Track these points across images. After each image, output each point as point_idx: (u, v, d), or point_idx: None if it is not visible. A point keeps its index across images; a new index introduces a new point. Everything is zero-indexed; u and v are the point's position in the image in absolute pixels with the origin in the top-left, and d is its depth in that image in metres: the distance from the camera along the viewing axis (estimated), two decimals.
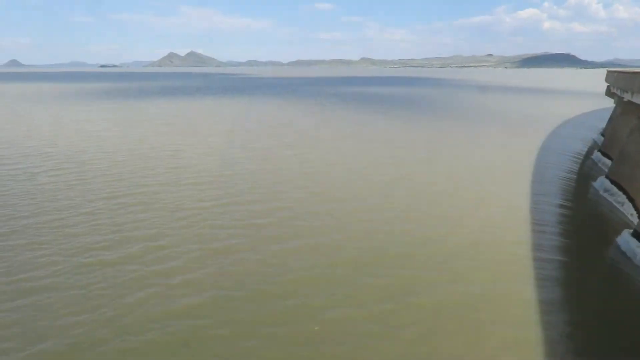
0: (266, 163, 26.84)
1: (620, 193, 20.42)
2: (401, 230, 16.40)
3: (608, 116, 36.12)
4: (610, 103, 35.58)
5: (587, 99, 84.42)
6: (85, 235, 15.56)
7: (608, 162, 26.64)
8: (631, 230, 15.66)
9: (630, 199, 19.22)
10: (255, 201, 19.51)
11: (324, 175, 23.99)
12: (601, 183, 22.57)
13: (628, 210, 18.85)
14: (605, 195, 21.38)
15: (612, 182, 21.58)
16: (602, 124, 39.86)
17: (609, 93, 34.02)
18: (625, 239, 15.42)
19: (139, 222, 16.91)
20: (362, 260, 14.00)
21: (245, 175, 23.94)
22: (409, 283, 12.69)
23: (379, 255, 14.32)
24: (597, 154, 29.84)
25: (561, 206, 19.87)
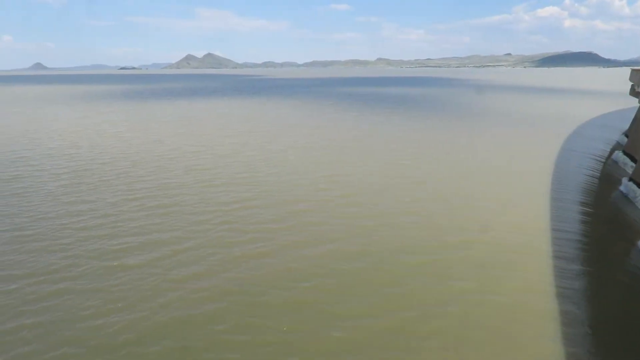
0: (284, 164, 26.95)
1: None
2: (423, 236, 16.23)
3: (632, 116, 35.11)
4: (634, 102, 34.61)
5: (610, 98, 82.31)
6: (106, 237, 15.87)
7: (632, 163, 25.92)
8: None
9: None
10: (275, 204, 19.60)
11: (343, 178, 23.94)
12: (625, 185, 21.99)
13: None
14: (630, 197, 20.83)
15: (637, 184, 21.00)
16: (626, 125, 38.83)
17: (633, 92, 33.05)
18: None
19: (158, 224, 17.18)
20: (384, 267, 13.92)
21: (263, 177, 24.09)
22: (433, 291, 12.50)
23: (401, 262, 14.21)
24: (620, 155, 29.06)
25: (584, 209, 19.43)
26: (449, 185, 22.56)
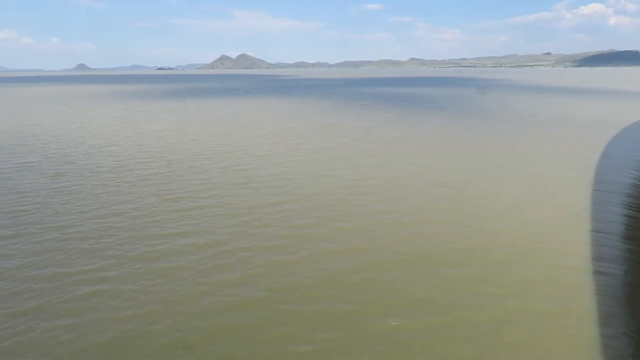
0: (318, 166, 26.79)
1: None
2: (454, 238, 15.70)
3: None
4: None
5: None
6: (142, 233, 16.18)
7: None
8: None
9: None
10: (308, 207, 19.43)
11: (374, 180, 23.53)
12: None
13: None
14: None
15: None
16: None
17: None
18: None
19: (193, 222, 17.35)
20: (415, 269, 13.48)
21: (297, 178, 24.00)
22: (464, 296, 12.04)
23: (432, 265, 13.75)
24: None
25: (624, 215, 18.25)
26: (486, 191, 21.73)
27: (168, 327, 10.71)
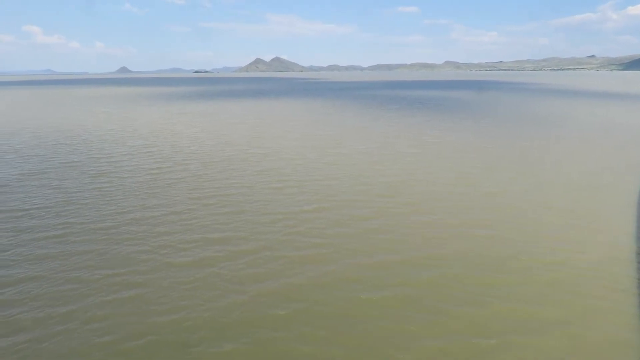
0: (350, 169, 26.30)
1: None
2: (499, 253, 14.80)
3: None
4: None
5: None
6: (177, 237, 16.20)
7: None
8: None
9: None
10: (340, 211, 19.00)
11: (413, 188, 22.79)
12: None
13: None
14: None
15: None
16: None
17: None
18: None
19: (226, 225, 17.26)
20: (456, 284, 12.76)
21: (329, 182, 23.62)
22: (507, 316, 11.19)
23: (476, 280, 12.96)
24: None
25: None
26: (526, 198, 20.58)
27: (201, 337, 10.51)
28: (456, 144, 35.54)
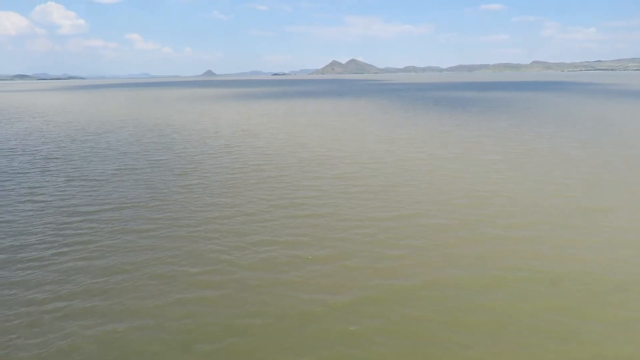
0: (430, 178, 24.83)
1: None
2: (563, 267, 12.77)
3: None
4: None
5: None
6: (250, 239, 16.18)
7: None
8: None
9: None
10: (422, 223, 17.83)
11: (499, 199, 20.83)
12: None
13: None
14: None
15: None
16: None
17: None
18: None
19: (301, 232, 16.94)
20: (555, 317, 11.12)
21: (407, 188, 22.45)
22: (563, 331, 9.51)
23: (584, 310, 11.22)
24: None
25: None
26: (594, 211, 17.79)
27: (276, 347, 10.16)
28: (545, 150, 32.19)
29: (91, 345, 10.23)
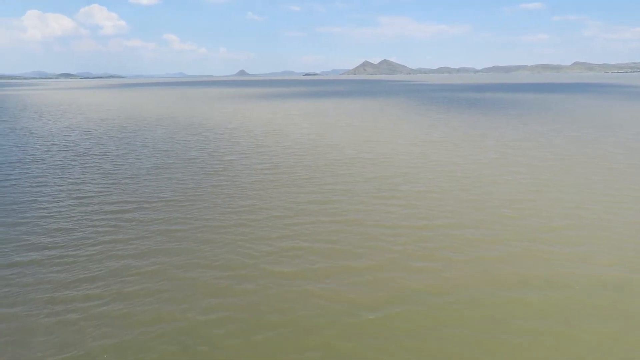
0: (463, 184, 23.91)
1: None
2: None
3: None
4: None
5: None
6: (278, 241, 15.97)
7: None
8: None
9: None
10: (456, 232, 17.09)
11: (540, 212, 19.76)
12: None
13: None
14: None
15: None
16: None
17: None
18: None
19: (331, 237, 16.54)
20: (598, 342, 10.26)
21: (441, 194, 21.68)
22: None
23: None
24: None
25: None
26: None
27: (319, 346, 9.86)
28: (588, 157, 30.44)
29: (113, 346, 10.23)
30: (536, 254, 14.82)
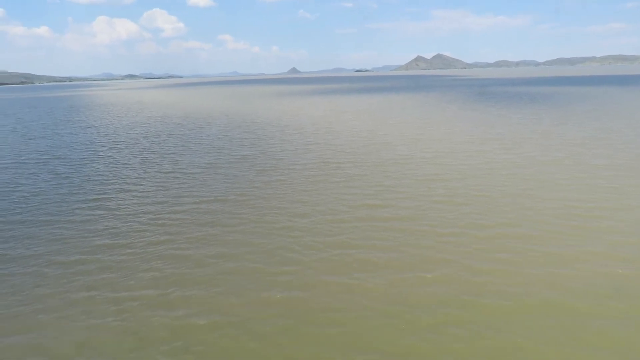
0: (518, 185, 22.48)
1: None
2: None
3: None
4: None
5: None
6: (327, 237, 15.83)
7: None
8: None
9: None
10: (508, 237, 16.09)
11: (600, 214, 18.13)
12: None
13: None
14: None
15: None
16: None
17: None
18: None
19: (383, 235, 16.17)
20: None
21: (496, 199, 20.51)
22: None
23: None
24: None
25: None
26: None
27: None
28: None
29: (166, 336, 10.56)
30: (619, 278, 13.54)
